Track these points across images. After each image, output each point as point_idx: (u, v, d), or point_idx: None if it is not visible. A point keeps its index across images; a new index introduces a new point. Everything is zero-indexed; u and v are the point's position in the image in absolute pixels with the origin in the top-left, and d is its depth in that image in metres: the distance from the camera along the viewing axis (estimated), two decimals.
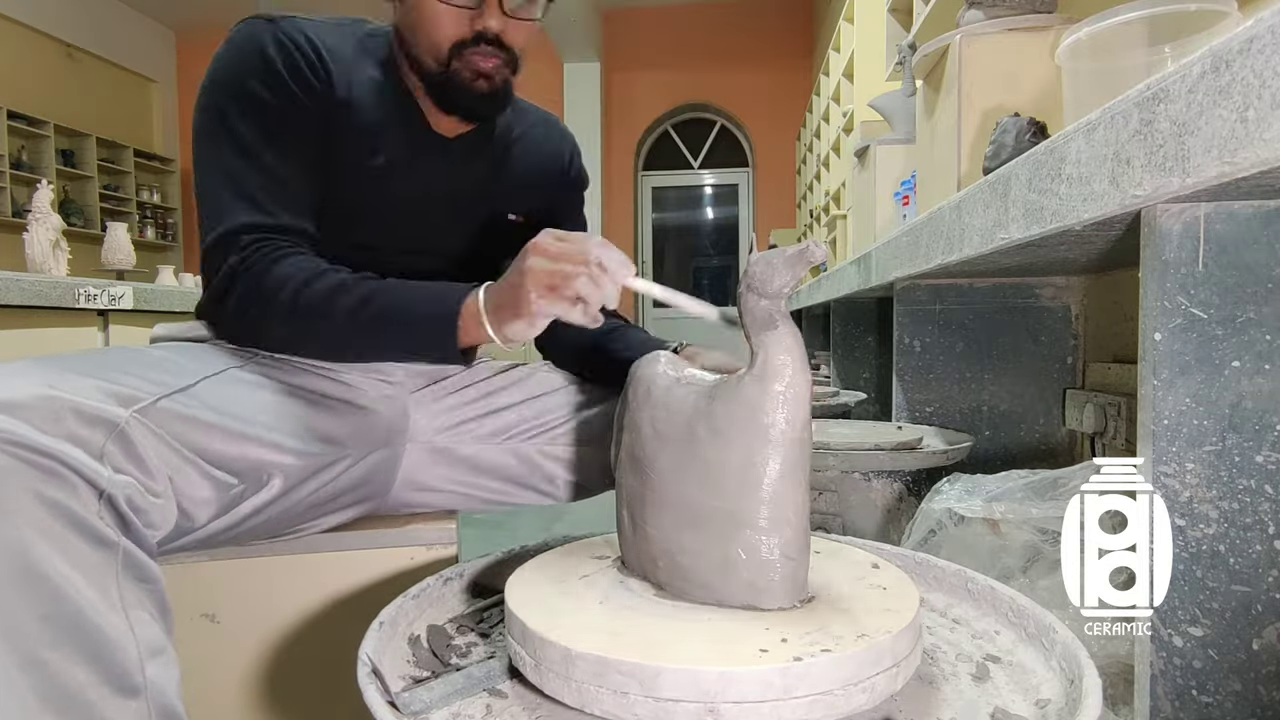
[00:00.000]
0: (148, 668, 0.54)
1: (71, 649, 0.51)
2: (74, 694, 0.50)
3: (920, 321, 1.39)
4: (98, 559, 0.53)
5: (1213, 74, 0.44)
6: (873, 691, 0.42)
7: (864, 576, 0.53)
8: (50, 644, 0.50)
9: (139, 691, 0.53)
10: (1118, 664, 0.66)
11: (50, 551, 0.50)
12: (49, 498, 0.51)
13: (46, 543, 0.50)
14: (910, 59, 1.46)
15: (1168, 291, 0.53)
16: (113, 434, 0.56)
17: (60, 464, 0.52)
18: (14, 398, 0.53)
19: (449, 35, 0.78)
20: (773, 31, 6.41)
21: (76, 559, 0.51)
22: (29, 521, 0.50)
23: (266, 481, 0.70)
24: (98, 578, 0.52)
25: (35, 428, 0.52)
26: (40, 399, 0.53)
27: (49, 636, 0.50)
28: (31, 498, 0.50)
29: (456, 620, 0.59)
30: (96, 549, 0.53)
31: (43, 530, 0.50)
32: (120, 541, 0.54)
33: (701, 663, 0.40)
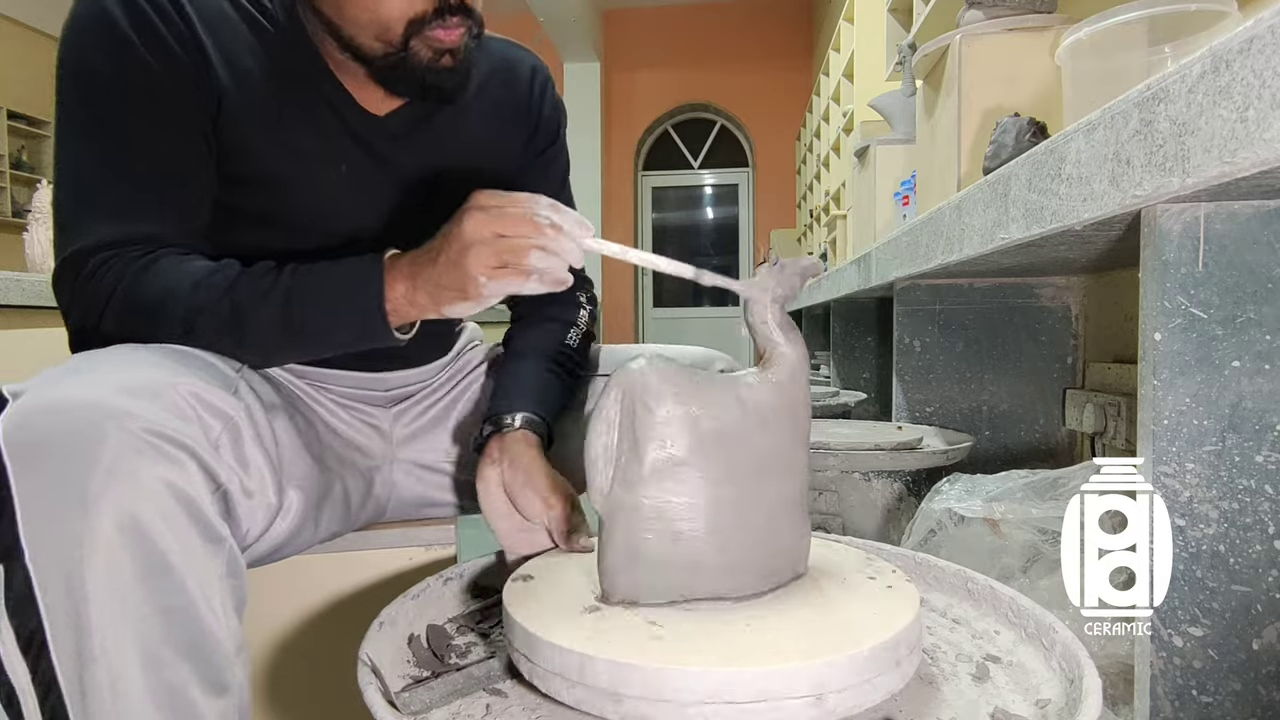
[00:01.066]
0: (236, 666, 0.53)
1: (180, 644, 0.50)
2: (178, 690, 0.50)
3: (920, 321, 1.39)
4: (208, 553, 0.52)
5: (1213, 74, 0.44)
6: (873, 691, 0.42)
7: (864, 576, 0.53)
8: (164, 639, 0.49)
9: (229, 690, 0.53)
10: (1118, 664, 0.66)
11: (174, 542, 0.49)
12: (176, 486, 0.50)
13: (172, 533, 0.49)
14: (910, 59, 1.46)
15: (1168, 291, 0.53)
16: (227, 426, 0.56)
17: (187, 453, 0.51)
18: (143, 383, 0.52)
19: (402, 10, 0.63)
20: (773, 31, 6.41)
21: (194, 552, 0.51)
22: (159, 510, 0.49)
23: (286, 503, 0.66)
24: (207, 573, 0.52)
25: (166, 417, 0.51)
26: (168, 385, 0.53)
27: (164, 630, 0.49)
28: (163, 486, 0.49)
29: (456, 620, 0.59)
30: (209, 543, 0.52)
31: (169, 520, 0.49)
32: (228, 538, 0.54)
33: (700, 663, 0.40)
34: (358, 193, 0.75)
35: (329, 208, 0.74)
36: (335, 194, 0.73)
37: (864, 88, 2.96)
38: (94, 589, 0.47)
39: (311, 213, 0.73)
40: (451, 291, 0.59)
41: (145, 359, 0.56)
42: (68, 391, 0.50)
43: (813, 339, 3.42)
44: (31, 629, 0.48)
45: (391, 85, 0.69)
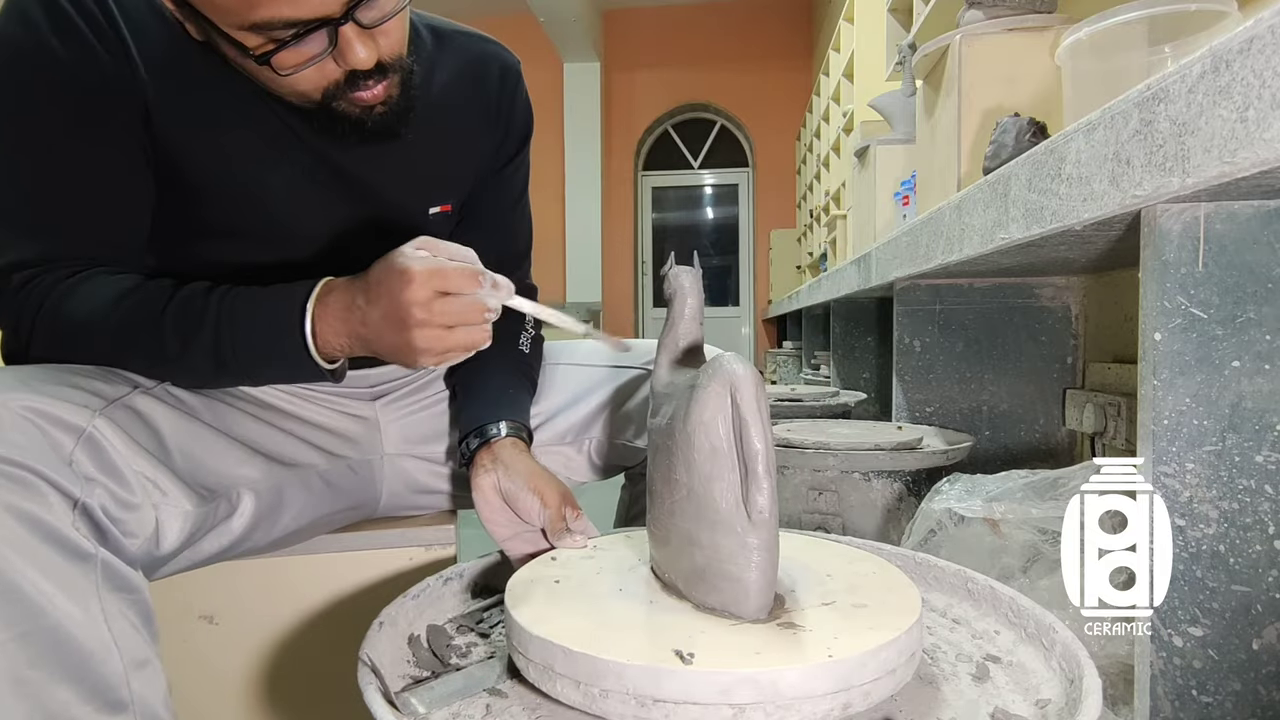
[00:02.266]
0: (133, 681, 0.52)
1: (53, 667, 0.48)
2: (57, 713, 0.48)
3: (920, 321, 1.39)
4: (75, 572, 0.50)
5: (1213, 74, 0.44)
6: (873, 692, 0.42)
7: (864, 576, 0.53)
8: (30, 663, 0.48)
9: (125, 706, 0.51)
10: (1118, 664, 0.66)
11: (24, 566, 0.48)
12: (20, 509, 0.48)
13: (20, 557, 0.48)
14: (910, 59, 1.46)
15: (1168, 291, 0.53)
16: (80, 439, 0.53)
17: (30, 473, 0.49)
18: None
19: (315, 88, 0.61)
20: (773, 31, 6.41)
21: (52, 573, 0.49)
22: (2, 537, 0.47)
23: (237, 501, 0.65)
24: (76, 591, 0.50)
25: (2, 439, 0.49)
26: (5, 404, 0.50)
27: (29, 655, 0.48)
28: (2, 511, 0.48)
29: (456, 620, 0.59)
30: (73, 562, 0.50)
31: (16, 545, 0.48)
32: (98, 552, 0.52)
33: (700, 664, 0.40)
34: (317, 199, 0.72)
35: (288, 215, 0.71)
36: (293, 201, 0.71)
37: (864, 88, 2.96)
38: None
39: (271, 221, 0.71)
40: (389, 353, 0.59)
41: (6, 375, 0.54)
42: None
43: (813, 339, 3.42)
44: None
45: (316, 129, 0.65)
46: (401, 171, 0.75)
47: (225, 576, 0.78)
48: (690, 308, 0.57)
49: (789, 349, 4.28)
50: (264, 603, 0.80)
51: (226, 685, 0.80)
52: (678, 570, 0.50)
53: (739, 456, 0.45)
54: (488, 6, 6.25)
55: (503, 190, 0.86)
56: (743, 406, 0.44)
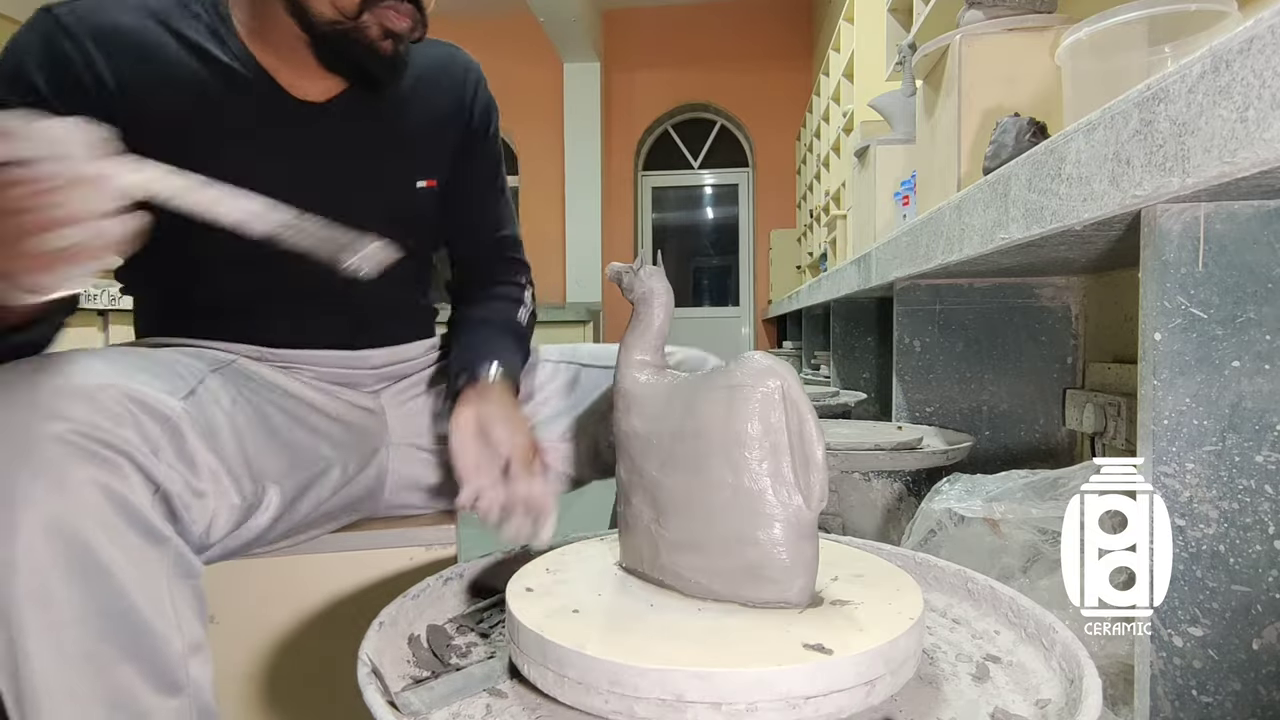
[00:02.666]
0: (190, 665, 0.54)
1: (122, 644, 0.51)
2: (121, 689, 0.50)
3: (920, 321, 1.39)
4: (152, 555, 0.53)
5: (1213, 74, 0.44)
6: (873, 692, 0.42)
7: (864, 576, 0.53)
8: (102, 637, 0.50)
9: (182, 689, 0.53)
10: (1118, 664, 0.66)
11: (109, 544, 0.50)
12: (111, 490, 0.51)
13: (107, 537, 0.50)
14: (910, 59, 1.46)
15: (1168, 291, 0.53)
16: (166, 427, 0.56)
17: (123, 456, 0.51)
18: (75, 386, 0.52)
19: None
20: (773, 31, 6.41)
21: (134, 554, 0.51)
22: (91, 513, 0.50)
23: (262, 496, 0.67)
24: (151, 574, 0.52)
25: (97, 419, 0.51)
26: (103, 389, 0.53)
27: (102, 630, 0.50)
28: (95, 489, 0.50)
29: (456, 620, 0.59)
30: (151, 544, 0.53)
31: (103, 523, 0.50)
32: (173, 538, 0.54)
33: (701, 663, 0.40)
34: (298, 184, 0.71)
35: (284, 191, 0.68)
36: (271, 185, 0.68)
37: (864, 88, 2.95)
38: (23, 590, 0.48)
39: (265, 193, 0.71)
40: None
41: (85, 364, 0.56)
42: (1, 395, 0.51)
43: (813, 339, 3.42)
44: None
45: (329, 58, 0.71)
46: (392, 143, 0.80)
47: (225, 576, 0.78)
48: (667, 308, 0.58)
49: (789, 349, 4.28)
50: (264, 603, 0.80)
51: (226, 685, 0.80)
52: (717, 571, 0.49)
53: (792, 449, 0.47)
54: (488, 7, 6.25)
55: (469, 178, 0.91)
56: (800, 402, 0.47)
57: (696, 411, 0.50)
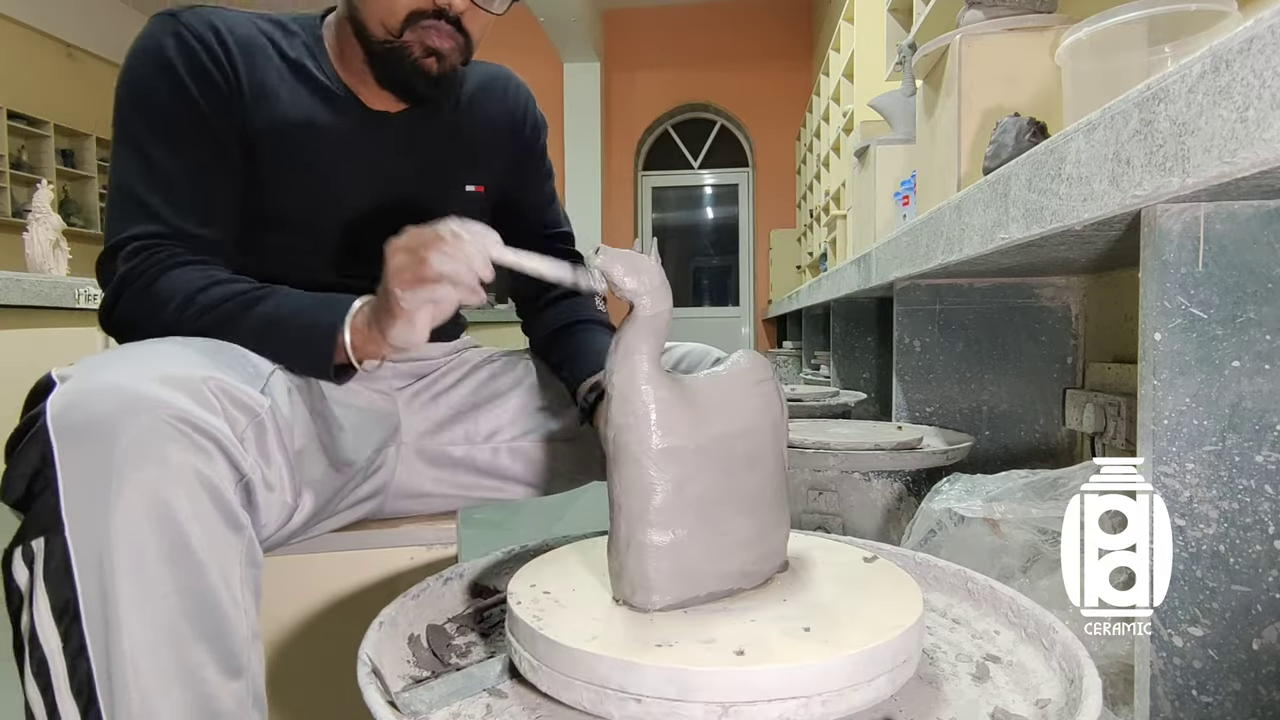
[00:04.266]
0: (251, 651, 0.56)
1: (198, 624, 0.52)
2: (194, 669, 0.52)
3: (920, 321, 1.39)
4: (230, 540, 0.55)
5: (1213, 74, 0.44)
6: (873, 691, 0.42)
7: (865, 576, 0.53)
8: (183, 616, 0.52)
9: (243, 673, 0.55)
10: (1118, 664, 0.66)
11: (196, 524, 0.52)
12: (203, 474, 0.53)
13: (194, 514, 0.52)
14: (910, 59, 1.46)
15: (1168, 291, 0.53)
16: (253, 421, 0.59)
17: (214, 443, 0.54)
18: (178, 374, 0.55)
19: (405, 7, 0.73)
20: (773, 31, 6.41)
21: (216, 537, 0.53)
22: (185, 494, 0.52)
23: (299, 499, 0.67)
24: (227, 559, 0.54)
25: (196, 407, 0.54)
26: (200, 379, 0.56)
27: (183, 609, 0.52)
28: (190, 472, 0.52)
29: (456, 620, 0.59)
30: (231, 530, 0.55)
31: (194, 504, 0.52)
32: (248, 526, 0.57)
33: (701, 663, 0.40)
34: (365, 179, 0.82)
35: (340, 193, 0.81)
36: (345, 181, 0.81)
37: (864, 88, 2.96)
38: (120, 564, 0.50)
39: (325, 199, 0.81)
40: (385, 314, 0.64)
41: (183, 353, 0.60)
42: (109, 377, 0.53)
43: (813, 339, 3.42)
44: (66, 599, 0.50)
45: (381, 73, 0.78)
46: (445, 147, 0.88)
47: None
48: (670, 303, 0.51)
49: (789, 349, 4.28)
50: (264, 603, 0.80)
51: None
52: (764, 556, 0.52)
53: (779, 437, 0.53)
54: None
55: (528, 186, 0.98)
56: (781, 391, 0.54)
57: (741, 411, 0.52)
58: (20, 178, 5.69)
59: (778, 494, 0.53)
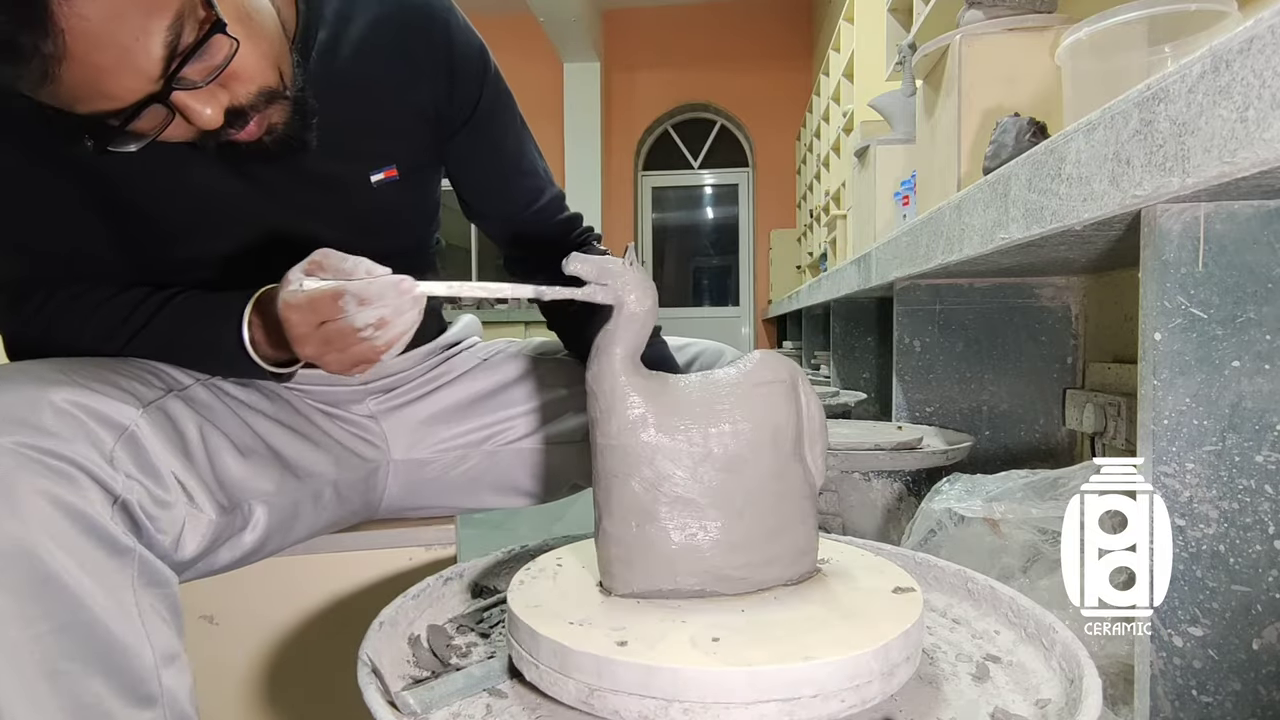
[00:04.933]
0: (163, 675, 0.53)
1: (89, 659, 0.49)
2: (91, 706, 0.49)
3: (920, 321, 1.39)
4: (113, 566, 0.51)
5: (1213, 74, 0.44)
6: (873, 691, 0.42)
7: (864, 576, 0.53)
8: (67, 655, 0.49)
9: (155, 701, 0.52)
10: (1118, 664, 0.66)
11: (66, 559, 0.49)
12: (63, 502, 0.49)
13: (62, 550, 0.49)
14: (910, 59, 1.46)
15: (1168, 291, 0.53)
16: (122, 436, 0.54)
17: (74, 467, 0.50)
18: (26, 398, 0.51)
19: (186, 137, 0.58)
20: (773, 31, 6.41)
21: (92, 566, 0.50)
22: (44, 527, 0.48)
23: (250, 515, 0.65)
24: (113, 585, 0.51)
25: (46, 430, 0.50)
26: (51, 399, 0.52)
27: (66, 647, 0.48)
28: (46, 502, 0.49)
29: (456, 620, 0.59)
30: (111, 555, 0.51)
31: (57, 537, 0.49)
32: (135, 548, 0.53)
33: (701, 663, 0.40)
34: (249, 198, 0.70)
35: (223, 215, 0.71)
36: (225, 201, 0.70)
37: (864, 88, 2.95)
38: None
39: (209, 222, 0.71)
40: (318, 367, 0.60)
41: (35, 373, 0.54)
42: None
43: (813, 339, 3.42)
44: None
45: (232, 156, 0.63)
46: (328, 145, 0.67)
47: (225, 576, 0.78)
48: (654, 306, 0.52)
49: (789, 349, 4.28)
50: (264, 603, 0.80)
51: (226, 685, 0.80)
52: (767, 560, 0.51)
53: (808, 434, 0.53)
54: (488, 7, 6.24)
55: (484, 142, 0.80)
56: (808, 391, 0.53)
57: (734, 411, 0.51)
58: None
59: (779, 500, 0.51)
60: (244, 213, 0.71)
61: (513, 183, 0.85)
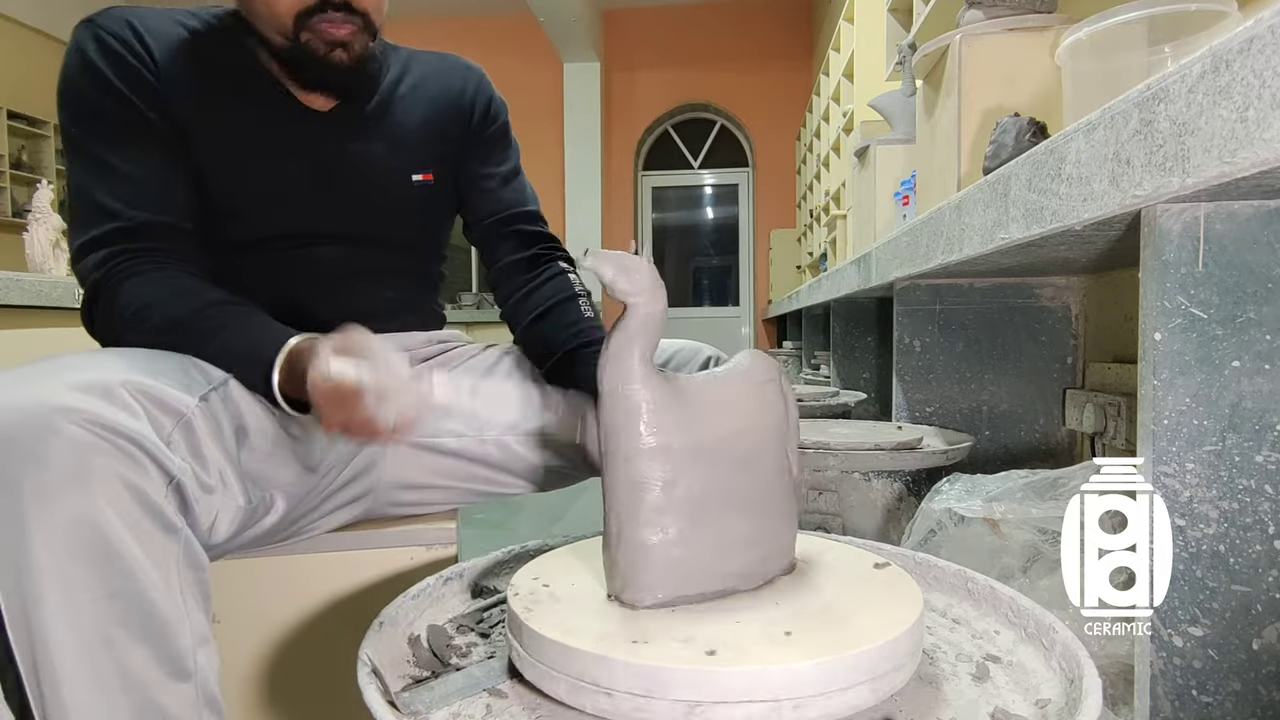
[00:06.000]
0: (198, 654, 0.56)
1: (134, 628, 0.52)
2: (133, 672, 0.52)
3: (920, 321, 1.39)
4: (164, 543, 0.55)
5: (1213, 74, 0.44)
6: (873, 691, 0.42)
7: (865, 576, 0.53)
8: (116, 621, 0.52)
9: (190, 676, 0.55)
10: (1118, 664, 0.66)
11: (124, 531, 0.52)
12: (127, 479, 0.53)
13: (122, 522, 0.52)
14: (910, 59, 1.46)
15: (1168, 291, 0.53)
16: (179, 422, 0.59)
17: (138, 447, 0.53)
18: (96, 381, 0.55)
19: (289, 9, 0.73)
20: (773, 31, 6.41)
21: (146, 541, 0.53)
22: (109, 500, 0.52)
23: (272, 503, 0.70)
24: (162, 561, 0.54)
25: (115, 411, 0.53)
26: (120, 384, 0.55)
27: (115, 613, 0.52)
28: (113, 477, 0.52)
29: (456, 620, 0.59)
30: (164, 533, 0.55)
31: (120, 510, 0.52)
32: (183, 529, 0.56)
33: (701, 662, 0.40)
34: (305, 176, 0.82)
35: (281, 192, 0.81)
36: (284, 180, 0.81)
37: (864, 88, 2.96)
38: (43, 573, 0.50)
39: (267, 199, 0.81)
40: None
41: (104, 361, 0.59)
42: (19, 391, 0.53)
43: (813, 339, 3.42)
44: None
45: (298, 76, 0.78)
46: (382, 144, 0.87)
47: (225, 576, 0.78)
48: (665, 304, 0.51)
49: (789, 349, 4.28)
50: (264, 602, 0.80)
51: (226, 685, 0.79)
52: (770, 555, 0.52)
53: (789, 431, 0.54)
54: (488, 7, 6.24)
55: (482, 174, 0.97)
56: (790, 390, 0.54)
57: (739, 411, 0.51)
58: (20, 178, 5.70)
59: (780, 495, 0.53)
60: (299, 197, 0.82)
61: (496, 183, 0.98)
